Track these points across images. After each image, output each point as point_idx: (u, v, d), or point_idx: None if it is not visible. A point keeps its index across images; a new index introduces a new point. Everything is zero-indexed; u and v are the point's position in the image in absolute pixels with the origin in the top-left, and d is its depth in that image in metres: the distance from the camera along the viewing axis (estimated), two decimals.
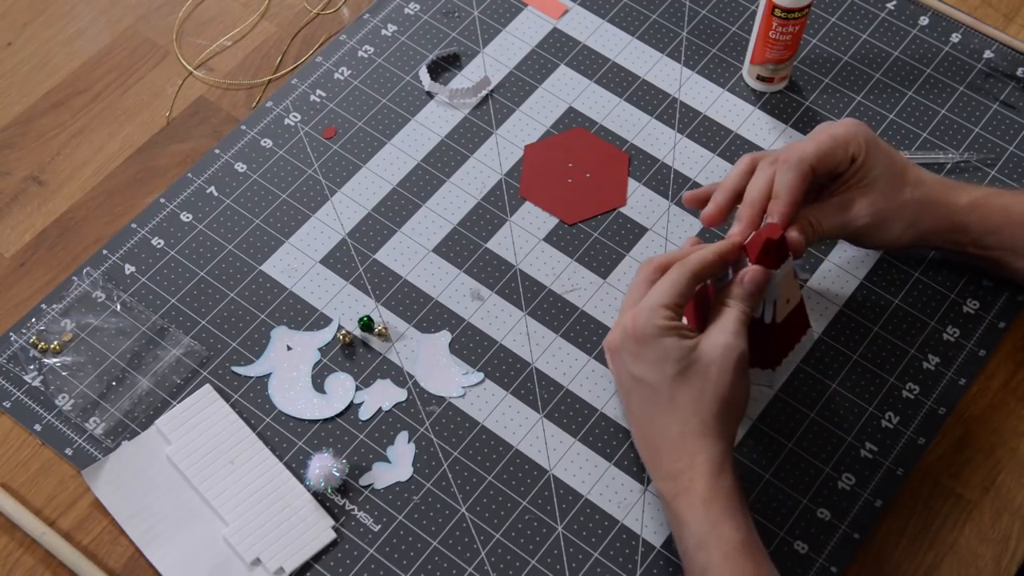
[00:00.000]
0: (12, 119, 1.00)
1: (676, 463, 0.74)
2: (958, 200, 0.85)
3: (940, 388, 0.88)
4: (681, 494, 0.73)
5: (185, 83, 1.02)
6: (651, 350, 0.75)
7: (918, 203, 0.84)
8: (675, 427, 0.74)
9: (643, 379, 0.76)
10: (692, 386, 0.74)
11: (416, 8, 1.05)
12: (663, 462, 0.75)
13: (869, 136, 0.83)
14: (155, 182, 0.97)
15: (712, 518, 0.72)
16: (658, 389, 0.75)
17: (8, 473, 0.85)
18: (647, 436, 0.77)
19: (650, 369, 0.75)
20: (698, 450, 0.73)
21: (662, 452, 0.75)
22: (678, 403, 0.74)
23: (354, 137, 0.98)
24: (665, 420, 0.75)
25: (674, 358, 0.74)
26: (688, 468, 0.73)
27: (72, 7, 1.06)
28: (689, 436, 0.74)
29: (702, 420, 0.74)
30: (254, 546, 0.80)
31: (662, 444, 0.75)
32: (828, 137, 0.82)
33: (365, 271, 0.92)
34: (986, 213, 0.85)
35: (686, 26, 1.04)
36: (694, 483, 0.73)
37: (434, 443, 0.85)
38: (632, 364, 0.76)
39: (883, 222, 0.84)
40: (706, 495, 0.72)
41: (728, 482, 0.73)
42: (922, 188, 0.84)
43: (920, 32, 1.04)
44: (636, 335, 0.75)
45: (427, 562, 0.81)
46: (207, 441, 0.84)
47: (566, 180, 0.96)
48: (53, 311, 0.90)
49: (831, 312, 0.90)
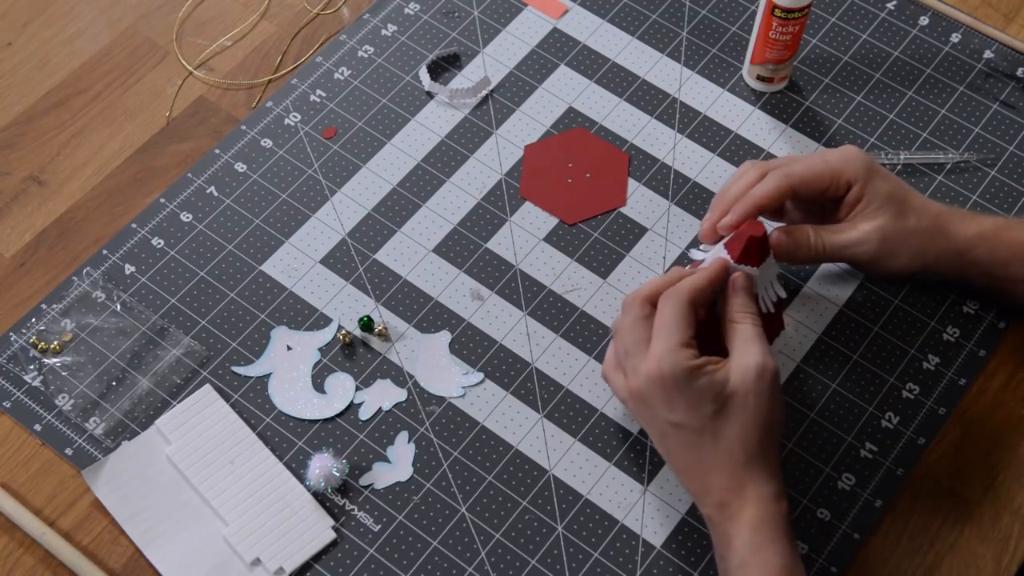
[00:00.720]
0: (12, 119, 1.00)
1: (725, 494, 0.73)
2: (966, 231, 0.84)
3: (940, 388, 0.88)
4: (730, 519, 0.73)
5: (185, 83, 1.02)
6: (684, 395, 0.73)
7: (924, 232, 0.84)
8: (722, 462, 0.74)
9: (681, 424, 0.74)
10: (734, 420, 0.73)
11: (416, 8, 1.05)
12: (711, 492, 0.74)
13: (867, 164, 0.83)
14: (155, 182, 0.97)
15: (756, 543, 0.72)
16: (700, 430, 0.74)
17: (8, 473, 0.85)
18: (691, 472, 0.75)
19: (687, 414, 0.73)
20: (746, 480, 0.73)
21: (710, 485, 0.74)
22: (722, 439, 0.74)
23: (354, 137, 0.98)
24: (711, 457, 0.74)
25: (709, 398, 0.73)
26: (737, 497, 0.73)
27: (72, 7, 1.06)
28: (737, 468, 0.73)
29: (748, 451, 0.74)
30: (254, 546, 0.80)
31: (709, 478, 0.74)
32: (820, 161, 0.83)
33: (365, 271, 0.92)
34: (995, 246, 0.84)
35: (686, 26, 1.04)
36: (743, 510, 0.73)
37: (434, 443, 0.85)
38: (666, 412, 0.74)
39: (890, 250, 0.84)
40: (754, 522, 0.72)
41: (775, 508, 0.73)
42: (928, 217, 0.84)
43: (920, 32, 1.04)
44: (664, 383, 0.73)
45: (427, 562, 0.81)
46: (207, 441, 0.84)
47: (566, 180, 0.96)
48: (53, 311, 0.90)
49: (831, 312, 0.90)
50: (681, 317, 0.74)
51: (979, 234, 0.84)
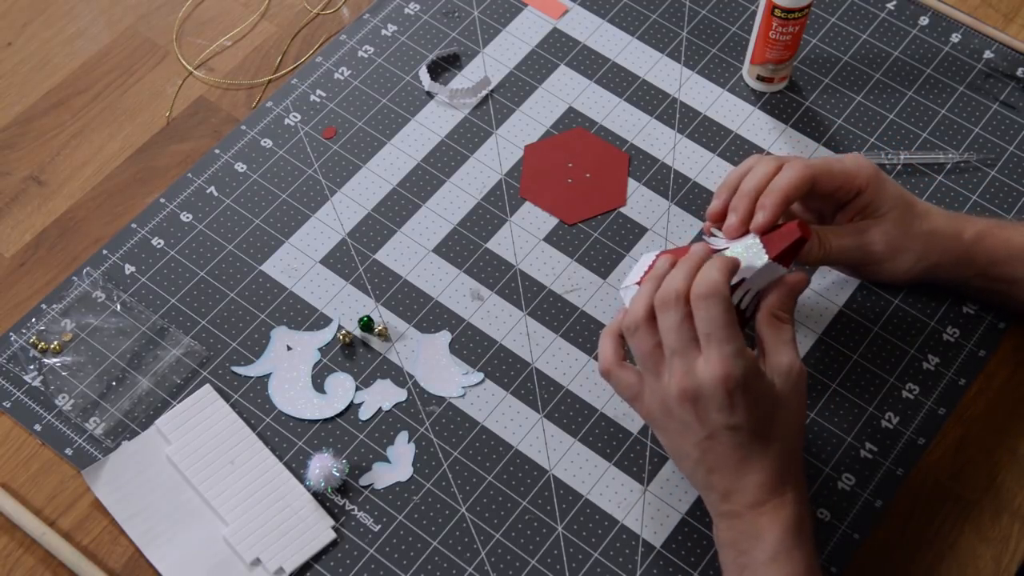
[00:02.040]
0: (12, 119, 1.00)
1: (764, 493, 0.73)
2: (964, 232, 0.85)
3: (940, 388, 0.88)
4: (765, 515, 0.73)
5: (185, 83, 1.02)
6: (748, 397, 0.72)
7: (927, 235, 0.85)
8: (768, 462, 0.73)
9: (739, 426, 0.73)
10: (782, 420, 0.74)
11: (416, 8, 1.05)
12: (747, 491, 0.74)
13: (876, 171, 0.83)
14: (155, 182, 0.97)
15: (790, 542, 0.72)
16: (755, 432, 0.73)
17: (8, 473, 0.85)
18: (730, 472, 0.74)
19: (746, 416, 0.73)
20: (788, 479, 0.74)
21: (747, 484, 0.74)
22: (771, 440, 0.74)
23: (354, 137, 0.98)
24: (758, 458, 0.73)
25: (766, 403, 0.73)
26: (778, 496, 0.73)
27: (72, 7, 1.06)
28: (782, 467, 0.74)
29: (792, 451, 0.75)
30: (254, 546, 0.80)
31: (749, 477, 0.74)
32: (835, 160, 0.83)
33: (365, 271, 0.92)
34: (991, 246, 0.85)
35: (686, 26, 1.04)
36: (783, 508, 0.73)
37: (434, 443, 0.85)
38: (725, 415, 0.72)
39: (896, 253, 0.84)
40: (793, 521, 0.73)
41: (808, 511, 0.74)
42: (930, 220, 0.85)
43: (920, 32, 1.04)
44: (731, 385, 0.71)
45: (427, 562, 0.81)
46: (207, 441, 0.84)
47: (566, 180, 0.96)
48: (53, 311, 0.90)
49: (831, 312, 0.90)
50: (733, 317, 0.73)
51: (976, 234, 0.85)
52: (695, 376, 0.72)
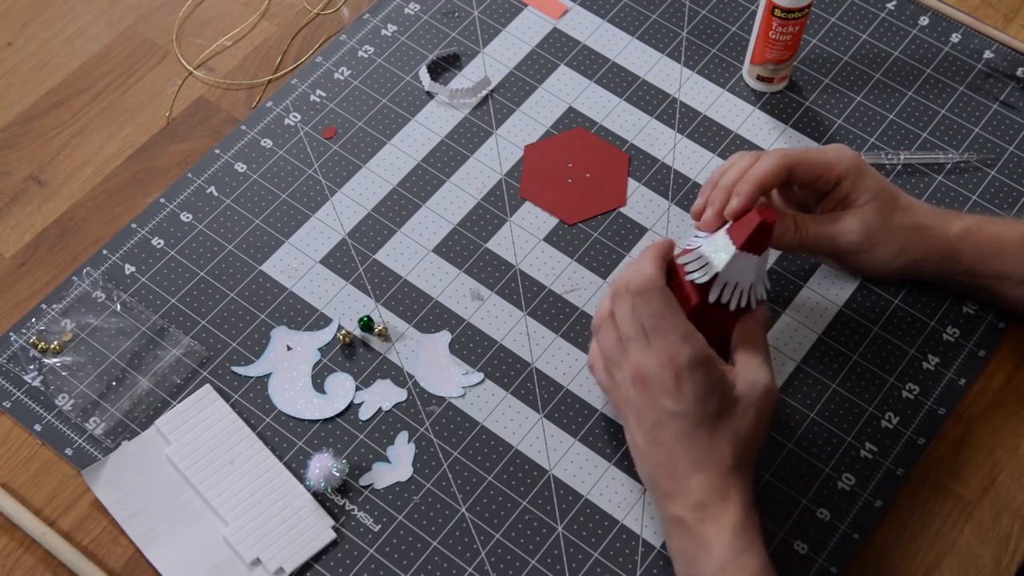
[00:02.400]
0: (12, 119, 1.00)
1: (707, 495, 0.73)
2: (950, 228, 0.85)
3: (940, 388, 0.88)
4: (709, 520, 0.73)
5: (185, 83, 1.02)
6: (696, 385, 0.73)
7: (909, 229, 0.85)
8: (711, 462, 0.73)
9: (683, 414, 0.73)
10: (732, 424, 0.74)
11: (416, 8, 1.05)
12: (691, 492, 0.73)
13: (857, 162, 0.83)
14: (155, 182, 0.97)
15: (738, 547, 0.72)
16: (699, 424, 0.73)
17: (8, 473, 0.85)
18: (674, 469, 0.74)
19: (693, 404, 0.73)
20: (731, 484, 0.73)
21: (691, 484, 0.73)
22: (716, 439, 0.73)
23: (354, 137, 0.98)
24: (701, 455, 0.73)
25: (717, 394, 0.73)
26: (720, 500, 0.73)
27: (72, 7, 1.06)
28: (725, 471, 0.73)
29: (737, 457, 0.74)
30: (254, 546, 0.80)
31: (693, 477, 0.73)
32: (815, 150, 0.83)
33: (365, 271, 0.92)
34: (978, 242, 0.85)
35: (686, 26, 1.04)
36: (725, 512, 0.72)
37: (434, 443, 0.85)
38: (671, 399, 0.73)
39: (874, 244, 0.84)
40: (737, 526, 0.72)
41: (754, 516, 0.74)
42: (913, 214, 0.85)
43: (920, 32, 1.04)
44: (679, 368, 0.73)
45: (427, 562, 0.81)
46: (207, 441, 0.84)
47: (566, 180, 0.96)
48: (53, 311, 0.90)
49: (831, 312, 0.90)
50: (673, 306, 0.74)
51: (963, 230, 0.85)
52: (645, 359, 0.74)
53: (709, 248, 0.77)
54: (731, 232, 0.77)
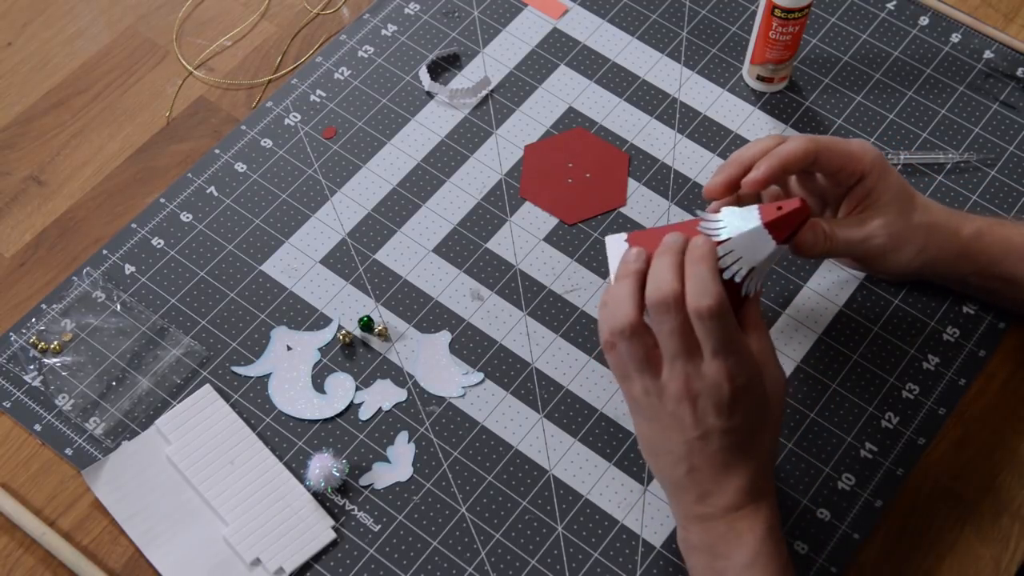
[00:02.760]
0: (12, 119, 1.00)
1: (742, 496, 0.73)
2: (963, 228, 0.85)
3: (940, 388, 0.88)
4: (745, 519, 0.72)
5: (185, 83, 1.02)
6: (749, 400, 0.72)
7: (927, 227, 0.84)
8: (751, 466, 0.73)
9: (735, 428, 0.72)
10: (769, 427, 0.74)
11: (416, 8, 1.05)
12: (725, 493, 0.73)
13: (880, 158, 0.82)
14: (155, 182, 0.97)
15: (770, 544, 0.72)
16: (746, 435, 0.72)
17: (8, 473, 0.85)
18: (711, 475, 0.73)
19: (742, 420, 0.72)
20: (766, 484, 0.74)
21: (727, 486, 0.73)
22: (757, 444, 0.73)
23: (354, 137, 0.98)
24: (743, 462, 0.73)
25: (764, 405, 0.73)
26: (755, 500, 0.73)
27: (72, 7, 1.06)
28: (763, 472, 0.74)
29: (772, 457, 0.75)
30: (254, 546, 0.80)
31: (730, 480, 0.73)
32: (841, 141, 0.82)
33: (365, 271, 0.92)
34: (988, 243, 0.85)
35: (686, 26, 1.04)
36: (760, 511, 0.73)
37: (434, 443, 0.85)
38: (724, 417, 0.71)
39: (897, 245, 0.84)
40: (771, 523, 0.73)
41: (779, 520, 0.74)
42: (930, 213, 0.85)
43: (920, 32, 1.04)
44: (736, 386, 0.71)
45: (427, 562, 0.81)
46: (207, 441, 0.84)
47: (566, 180, 0.96)
48: (53, 311, 0.90)
49: (831, 312, 0.90)
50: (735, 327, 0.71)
51: (975, 231, 0.85)
52: (700, 378, 0.71)
53: (735, 218, 0.74)
54: (762, 209, 0.74)
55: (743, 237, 0.72)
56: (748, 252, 0.73)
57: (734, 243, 0.73)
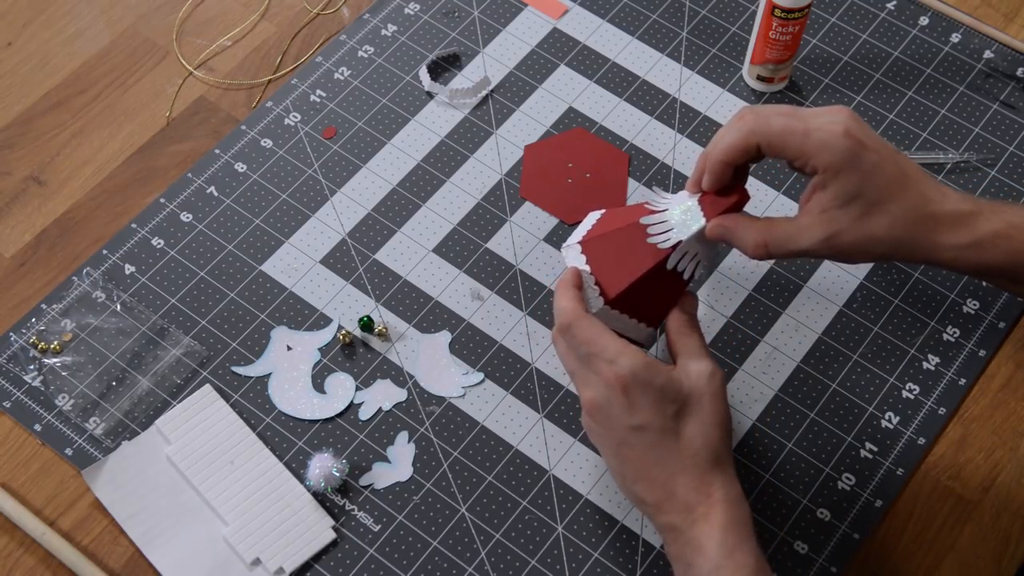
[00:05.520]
0: (12, 119, 1.00)
1: (692, 495, 0.72)
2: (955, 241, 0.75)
3: (940, 388, 0.88)
4: (699, 521, 0.72)
5: (185, 83, 1.02)
6: (646, 394, 0.72)
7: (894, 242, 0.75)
8: (687, 462, 0.73)
9: (644, 425, 0.73)
10: (695, 419, 0.73)
11: (416, 8, 1.05)
12: (676, 497, 0.73)
13: (844, 154, 0.73)
14: (155, 182, 0.97)
15: (730, 544, 0.71)
16: (663, 430, 0.73)
17: (8, 473, 0.85)
18: (653, 479, 0.73)
19: (651, 413, 0.72)
20: (712, 479, 0.72)
21: (674, 488, 0.73)
22: (684, 439, 0.73)
23: (354, 137, 0.98)
24: (675, 459, 0.73)
25: (670, 396, 0.73)
26: (705, 498, 0.72)
27: (72, 7, 1.06)
28: (704, 467, 0.73)
29: (711, 450, 0.73)
30: (254, 546, 0.80)
31: (674, 481, 0.73)
32: (800, 131, 0.74)
33: (365, 271, 0.92)
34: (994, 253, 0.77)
35: (686, 26, 1.04)
36: (713, 511, 0.72)
37: (434, 443, 0.85)
38: (628, 416, 0.73)
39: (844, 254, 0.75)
40: (726, 523, 0.71)
41: (742, 510, 0.72)
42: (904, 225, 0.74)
43: (920, 32, 1.04)
44: (625, 384, 0.72)
45: (427, 562, 0.81)
46: (207, 441, 0.84)
47: (566, 180, 0.96)
48: (53, 311, 0.90)
49: (831, 312, 0.90)
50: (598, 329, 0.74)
51: (975, 242, 0.75)
52: (590, 387, 0.74)
53: (677, 214, 0.77)
54: (705, 204, 0.76)
55: (692, 237, 0.76)
56: (698, 247, 0.77)
57: (686, 244, 0.77)
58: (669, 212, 0.78)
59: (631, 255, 0.77)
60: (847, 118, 0.74)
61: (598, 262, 0.77)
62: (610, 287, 0.77)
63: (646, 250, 0.77)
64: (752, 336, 0.89)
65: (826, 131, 0.73)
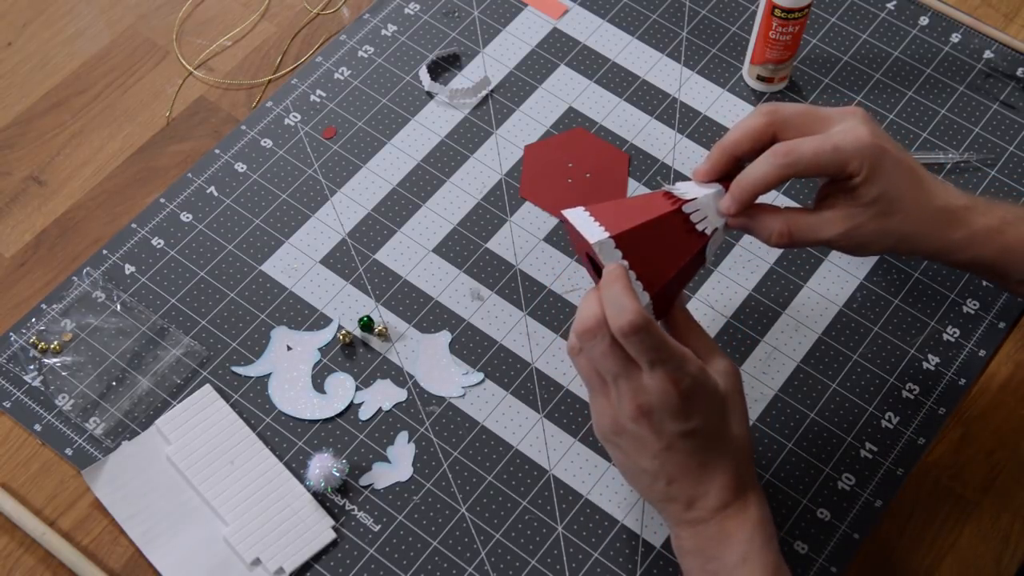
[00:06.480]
0: (12, 119, 1.00)
1: (728, 493, 0.72)
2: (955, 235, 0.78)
3: (940, 388, 0.88)
4: (732, 517, 0.72)
5: (185, 83, 1.02)
6: (702, 399, 0.71)
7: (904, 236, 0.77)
8: (728, 460, 0.73)
9: (695, 430, 0.71)
10: (734, 418, 0.73)
11: (416, 8, 1.05)
12: (711, 494, 0.72)
13: (875, 153, 0.75)
14: (155, 182, 0.97)
15: (759, 540, 0.72)
16: (711, 433, 0.72)
17: (8, 473, 0.85)
18: (692, 478, 0.73)
19: (702, 418, 0.71)
20: (748, 478, 0.73)
21: (711, 486, 0.72)
22: (728, 438, 0.73)
23: (354, 137, 0.98)
24: (719, 458, 0.72)
25: (718, 400, 0.72)
26: (741, 495, 0.72)
27: (72, 7, 1.06)
28: (743, 464, 0.73)
29: (749, 446, 0.74)
30: (254, 546, 0.80)
31: (713, 479, 0.72)
32: (830, 148, 0.75)
33: (365, 271, 0.92)
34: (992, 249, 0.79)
35: (686, 26, 1.04)
36: (748, 508, 0.72)
37: (434, 443, 0.85)
38: (680, 422, 0.71)
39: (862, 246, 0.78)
40: (759, 518, 0.72)
41: (768, 512, 0.73)
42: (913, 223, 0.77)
43: (920, 32, 1.04)
44: (681, 390, 0.70)
45: (427, 562, 0.81)
46: (207, 441, 0.84)
47: (566, 180, 0.96)
48: (53, 311, 0.90)
49: (831, 312, 0.90)
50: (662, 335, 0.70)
51: (970, 236, 0.78)
52: (646, 393, 0.70)
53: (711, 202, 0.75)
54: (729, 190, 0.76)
55: (707, 198, 0.75)
56: (711, 212, 0.76)
57: (699, 203, 0.75)
58: (700, 200, 0.75)
59: (671, 245, 0.74)
60: (868, 124, 0.76)
61: (636, 255, 0.74)
62: (654, 279, 0.74)
63: (685, 239, 0.75)
64: (752, 336, 0.89)
65: (849, 134, 0.75)
